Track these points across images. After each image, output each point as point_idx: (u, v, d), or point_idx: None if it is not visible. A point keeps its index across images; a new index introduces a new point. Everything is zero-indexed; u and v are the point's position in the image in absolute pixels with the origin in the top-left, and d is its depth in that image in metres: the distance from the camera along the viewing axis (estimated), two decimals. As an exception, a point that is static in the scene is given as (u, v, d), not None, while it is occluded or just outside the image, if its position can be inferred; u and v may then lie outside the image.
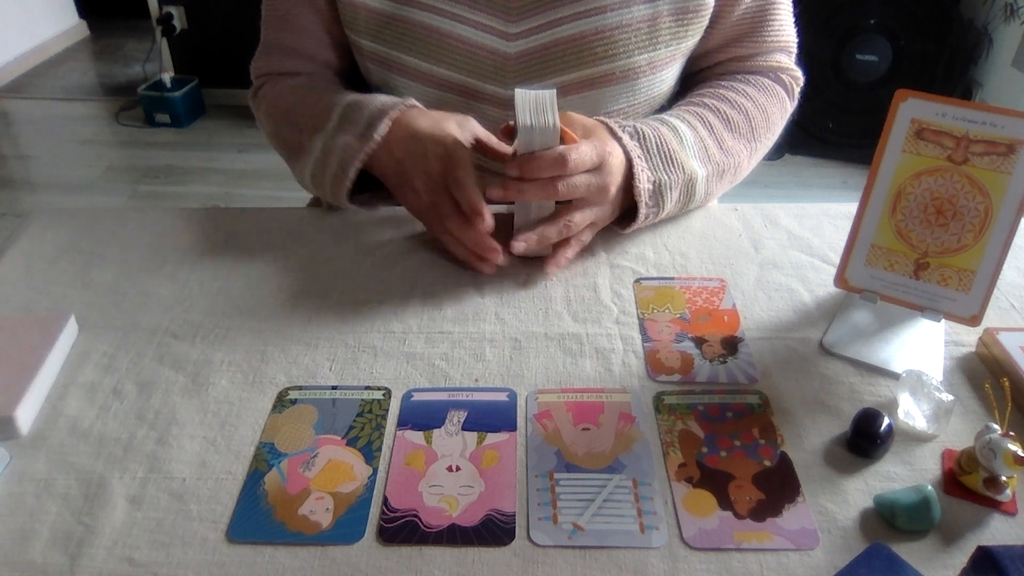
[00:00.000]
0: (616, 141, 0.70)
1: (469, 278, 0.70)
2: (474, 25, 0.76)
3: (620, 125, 0.72)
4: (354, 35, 0.81)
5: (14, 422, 0.54)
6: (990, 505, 0.49)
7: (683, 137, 0.75)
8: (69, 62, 3.94)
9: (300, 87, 0.83)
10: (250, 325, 0.65)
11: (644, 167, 0.71)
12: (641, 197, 0.70)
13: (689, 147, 0.75)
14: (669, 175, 0.72)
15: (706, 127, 0.77)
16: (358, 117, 0.74)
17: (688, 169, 0.73)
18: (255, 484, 0.51)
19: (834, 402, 0.57)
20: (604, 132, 0.70)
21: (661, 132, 0.73)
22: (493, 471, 0.52)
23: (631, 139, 0.71)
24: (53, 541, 0.48)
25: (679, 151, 0.73)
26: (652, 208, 0.72)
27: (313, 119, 0.78)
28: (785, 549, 0.47)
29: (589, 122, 0.71)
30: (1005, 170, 0.57)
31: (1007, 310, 0.66)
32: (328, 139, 0.75)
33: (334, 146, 0.74)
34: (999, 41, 2.56)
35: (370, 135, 0.71)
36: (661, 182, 0.72)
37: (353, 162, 0.72)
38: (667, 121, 0.75)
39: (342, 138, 0.73)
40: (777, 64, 0.86)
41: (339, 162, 0.73)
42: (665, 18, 0.77)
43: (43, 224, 0.78)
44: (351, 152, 0.72)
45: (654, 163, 0.72)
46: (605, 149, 0.67)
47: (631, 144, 0.71)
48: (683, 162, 0.73)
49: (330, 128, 0.75)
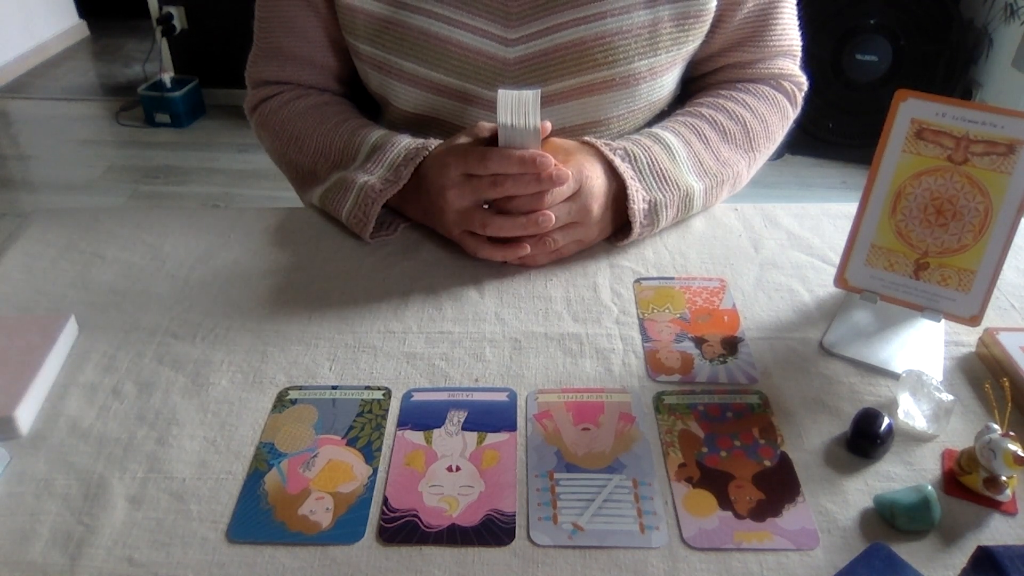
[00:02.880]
0: (600, 163, 0.71)
1: (469, 278, 0.70)
2: (472, 30, 0.76)
3: (610, 147, 0.72)
4: (352, 39, 0.80)
5: (14, 422, 0.54)
6: (990, 505, 0.49)
7: (675, 153, 0.74)
8: (69, 62, 3.95)
9: (309, 112, 0.82)
10: (250, 325, 0.65)
11: (638, 187, 0.71)
12: (636, 217, 0.71)
13: (682, 162, 0.75)
14: (664, 194, 0.72)
15: (701, 140, 0.77)
16: (382, 159, 0.74)
17: (683, 185, 0.73)
18: (255, 484, 0.51)
19: (834, 402, 0.57)
20: (585, 154, 0.70)
21: (653, 152, 0.73)
22: (493, 471, 0.52)
23: (622, 161, 0.71)
24: (53, 541, 0.48)
25: (672, 169, 0.73)
26: (647, 226, 0.72)
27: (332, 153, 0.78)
28: (785, 549, 0.47)
29: (571, 144, 0.72)
30: (1005, 170, 0.57)
31: (1007, 310, 0.66)
32: (348, 176, 0.75)
33: (352, 184, 0.73)
34: (999, 41, 2.56)
35: (396, 180, 0.72)
36: (656, 201, 0.72)
37: (376, 205, 0.72)
38: (660, 137, 0.75)
39: (363, 177, 0.73)
40: (780, 70, 0.85)
41: (360, 203, 0.72)
42: (666, 23, 0.77)
43: (43, 224, 0.78)
44: (373, 195, 0.72)
45: (648, 183, 0.72)
46: (583, 174, 0.68)
47: (623, 167, 0.71)
48: (677, 179, 0.73)
49: (353, 168, 0.75)
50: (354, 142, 0.77)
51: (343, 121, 0.80)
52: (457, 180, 0.67)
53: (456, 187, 0.67)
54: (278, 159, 0.86)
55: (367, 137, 0.77)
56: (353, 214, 0.73)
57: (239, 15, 3.10)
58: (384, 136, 0.76)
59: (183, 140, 3.14)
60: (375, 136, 0.76)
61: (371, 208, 0.72)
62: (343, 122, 0.80)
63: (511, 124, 0.64)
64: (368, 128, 0.78)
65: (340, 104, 0.85)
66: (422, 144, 0.73)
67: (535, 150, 0.65)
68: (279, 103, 0.84)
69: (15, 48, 3.74)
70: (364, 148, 0.76)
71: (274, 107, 0.84)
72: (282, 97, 0.84)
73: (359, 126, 0.79)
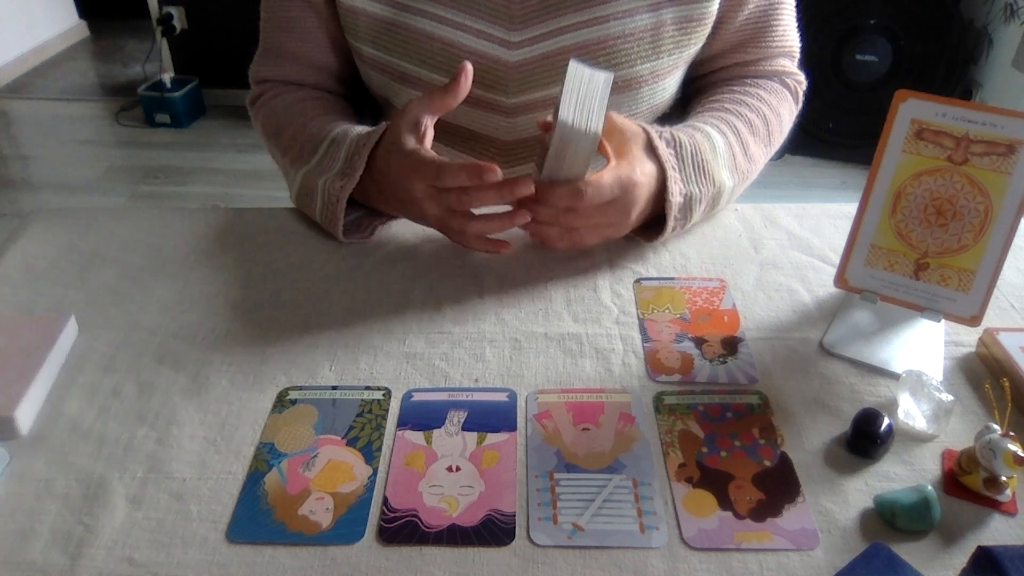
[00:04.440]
0: (651, 157, 0.68)
1: (469, 278, 0.70)
2: (476, 33, 0.76)
3: (658, 132, 0.70)
4: (355, 41, 0.80)
5: (14, 422, 0.54)
6: (990, 505, 0.49)
7: (716, 146, 0.73)
8: (69, 62, 3.94)
9: (292, 106, 0.82)
10: (250, 325, 0.65)
11: (677, 179, 0.69)
12: (671, 211, 0.69)
13: (721, 156, 0.73)
14: (700, 188, 0.71)
15: (734, 133, 0.76)
16: (336, 153, 0.73)
17: (718, 181, 0.73)
18: (255, 484, 0.51)
19: (834, 402, 0.57)
20: (638, 147, 0.68)
21: (697, 140, 0.72)
22: (493, 471, 0.52)
23: (667, 147, 0.70)
24: (53, 541, 0.48)
25: (712, 161, 0.72)
26: (680, 221, 0.71)
27: (298, 149, 0.77)
28: (785, 549, 0.47)
29: (628, 129, 0.69)
30: (1005, 170, 0.57)
31: (1007, 310, 0.66)
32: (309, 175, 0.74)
33: (315, 185, 0.73)
34: (999, 41, 2.56)
35: (351, 173, 0.71)
36: (692, 195, 0.71)
37: (340, 202, 0.71)
38: (702, 129, 0.74)
39: (323, 177, 0.72)
40: (781, 69, 0.85)
41: (327, 203, 0.72)
42: (668, 27, 0.76)
43: (43, 224, 0.78)
44: (335, 192, 0.71)
45: (687, 174, 0.70)
46: (631, 180, 0.65)
47: (667, 153, 0.69)
48: (714, 173, 0.72)
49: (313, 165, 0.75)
50: (317, 137, 0.76)
51: (317, 116, 0.79)
52: (426, 192, 0.66)
53: (428, 199, 0.67)
54: (269, 151, 0.86)
55: (329, 132, 0.75)
56: (323, 215, 0.73)
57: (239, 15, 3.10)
58: (342, 130, 0.75)
59: (183, 140, 3.14)
60: (335, 131, 0.75)
61: (336, 206, 0.71)
62: (316, 117, 0.79)
63: (572, 123, 0.60)
64: (334, 124, 0.77)
65: (324, 100, 0.84)
66: (371, 131, 0.72)
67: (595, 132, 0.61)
68: (270, 96, 0.84)
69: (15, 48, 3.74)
70: (323, 144, 0.75)
71: (266, 99, 0.85)
72: (275, 91, 0.85)
73: (328, 122, 0.77)
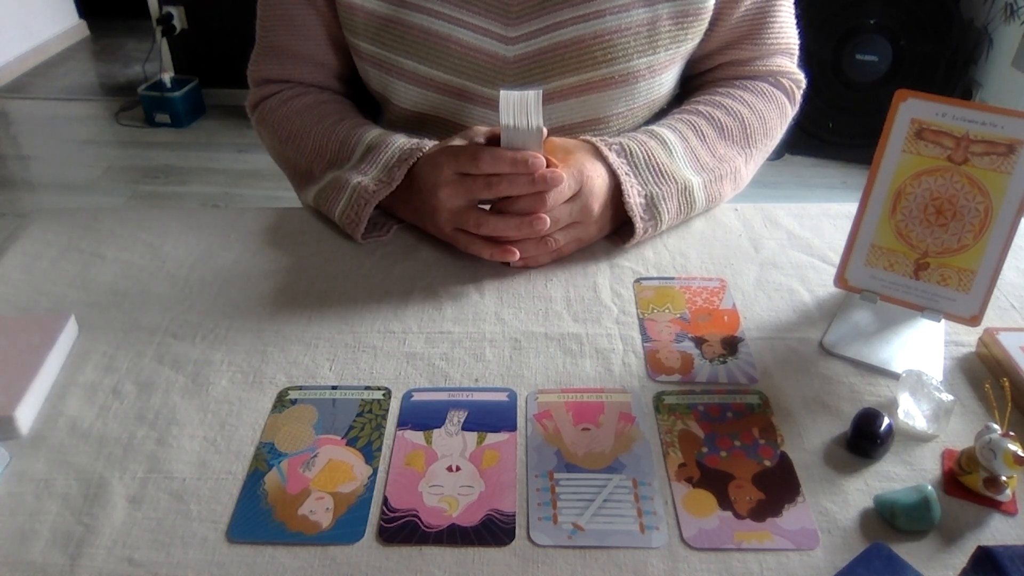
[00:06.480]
0: (600, 161, 0.71)
1: (469, 278, 0.70)
2: (472, 28, 0.76)
3: (606, 143, 0.72)
4: (352, 37, 0.81)
5: (14, 422, 0.54)
6: (990, 505, 0.49)
7: (672, 148, 0.75)
8: (69, 62, 3.95)
9: (309, 110, 0.82)
10: (250, 325, 0.65)
11: (633, 183, 0.71)
12: (634, 211, 0.71)
13: (679, 157, 0.75)
14: (661, 187, 0.72)
15: (698, 135, 0.77)
16: (376, 159, 0.74)
17: (680, 179, 0.74)
18: (255, 484, 0.51)
19: (834, 402, 0.57)
20: (585, 153, 0.71)
21: (648, 146, 0.74)
22: (493, 471, 0.52)
23: (617, 156, 0.72)
24: (53, 541, 0.48)
25: (668, 162, 0.74)
26: (649, 221, 0.72)
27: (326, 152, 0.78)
28: (785, 549, 0.47)
29: (571, 143, 0.72)
30: (1005, 170, 0.57)
31: (1007, 310, 0.66)
32: (342, 176, 0.74)
33: (346, 184, 0.73)
34: (999, 41, 2.56)
35: (389, 181, 0.71)
36: (653, 195, 0.72)
37: (368, 206, 0.72)
38: (655, 133, 0.76)
39: (356, 178, 0.73)
40: (778, 68, 0.85)
41: (353, 203, 0.72)
42: (664, 21, 0.77)
43: (43, 224, 0.78)
44: (366, 196, 0.72)
45: (643, 177, 0.72)
46: (584, 173, 0.68)
47: (618, 162, 0.71)
48: (674, 172, 0.73)
49: (348, 168, 0.75)
50: (350, 142, 0.77)
51: (340, 120, 0.80)
52: (450, 179, 0.67)
53: (449, 185, 0.67)
54: (276, 157, 0.86)
55: (363, 137, 0.77)
56: (346, 214, 0.73)
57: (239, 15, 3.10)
58: (380, 136, 0.76)
59: (183, 140, 3.14)
60: (371, 136, 0.76)
61: (364, 209, 0.72)
62: (340, 121, 0.80)
63: (513, 124, 0.64)
64: (364, 127, 0.78)
65: (338, 103, 0.85)
66: (416, 144, 0.73)
67: (535, 150, 0.65)
68: (278, 101, 0.84)
69: (15, 48, 3.74)
70: (359, 148, 0.76)
71: (273, 105, 0.84)
72: (282, 95, 0.84)
73: (355, 125, 0.79)
